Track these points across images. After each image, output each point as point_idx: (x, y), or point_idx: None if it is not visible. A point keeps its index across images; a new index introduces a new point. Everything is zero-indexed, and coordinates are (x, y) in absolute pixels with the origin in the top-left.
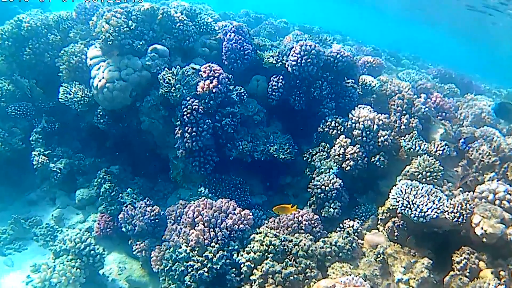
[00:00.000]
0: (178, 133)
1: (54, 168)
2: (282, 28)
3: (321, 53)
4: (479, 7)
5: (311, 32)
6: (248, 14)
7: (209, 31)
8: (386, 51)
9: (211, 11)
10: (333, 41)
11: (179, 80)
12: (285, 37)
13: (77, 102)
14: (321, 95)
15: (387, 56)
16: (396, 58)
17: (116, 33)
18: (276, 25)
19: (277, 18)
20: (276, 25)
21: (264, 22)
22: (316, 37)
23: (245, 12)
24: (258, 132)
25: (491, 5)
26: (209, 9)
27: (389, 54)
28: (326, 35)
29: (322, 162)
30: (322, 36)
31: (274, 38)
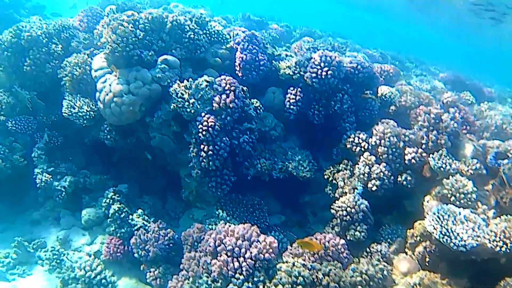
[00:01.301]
0: (193, 152)
1: (58, 186)
2: (286, 32)
3: (342, 64)
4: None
5: (313, 36)
6: (249, 18)
7: (220, 40)
8: (389, 54)
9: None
10: (346, 49)
11: (193, 94)
12: (294, 44)
13: (82, 117)
14: (342, 109)
15: (392, 60)
16: (400, 61)
17: (124, 44)
18: (279, 29)
19: (277, 21)
20: (279, 29)
21: (268, 27)
22: (328, 44)
23: (246, 15)
24: (275, 148)
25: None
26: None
27: (392, 58)
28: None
29: (345, 181)
30: (334, 42)
31: (280, 43)
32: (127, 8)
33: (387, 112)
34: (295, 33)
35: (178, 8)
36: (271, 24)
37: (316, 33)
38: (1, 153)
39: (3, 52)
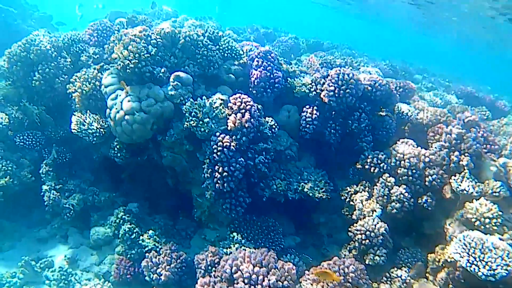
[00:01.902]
0: (207, 173)
1: (67, 204)
2: (295, 44)
3: (359, 82)
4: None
5: (322, 48)
6: (257, 30)
7: (233, 56)
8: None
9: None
10: (360, 64)
11: (207, 113)
12: (307, 59)
13: (92, 134)
14: (359, 128)
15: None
16: (409, 73)
17: (136, 60)
18: (287, 41)
19: (283, 32)
20: (287, 41)
21: (277, 39)
22: (342, 59)
23: (254, 27)
24: (290, 167)
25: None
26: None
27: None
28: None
29: (364, 203)
30: (347, 58)
31: (289, 56)
32: (137, 22)
33: (403, 129)
34: (302, 44)
35: (188, 21)
36: (280, 37)
37: (324, 44)
38: (9, 169)
39: (12, 65)
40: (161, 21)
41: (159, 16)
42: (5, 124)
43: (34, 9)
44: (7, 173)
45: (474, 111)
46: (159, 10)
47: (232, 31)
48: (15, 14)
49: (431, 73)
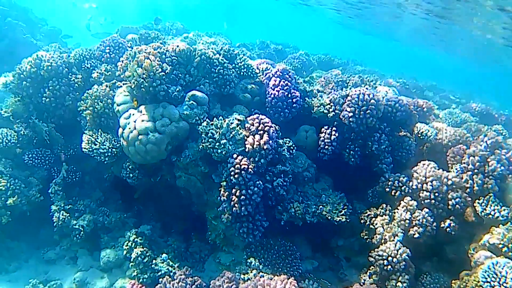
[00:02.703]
0: (223, 196)
1: (76, 225)
2: (306, 60)
3: (380, 102)
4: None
5: (332, 65)
6: (268, 46)
7: (249, 75)
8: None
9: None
10: (376, 82)
11: (224, 134)
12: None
13: (104, 154)
14: (379, 149)
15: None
16: (420, 90)
17: (151, 79)
18: (299, 58)
19: (293, 48)
20: (299, 58)
21: (289, 56)
22: (358, 78)
23: (265, 43)
24: (307, 189)
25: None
26: (220, 43)
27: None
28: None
29: (385, 227)
30: (363, 76)
31: (300, 73)
32: (150, 38)
33: (421, 150)
34: (313, 61)
35: (202, 38)
36: (292, 54)
37: (334, 61)
38: (17, 188)
39: (21, 82)
40: (172, 37)
41: (169, 31)
42: (13, 141)
43: (42, 23)
44: (15, 192)
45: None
46: (170, 25)
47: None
48: (24, 28)
49: (440, 89)
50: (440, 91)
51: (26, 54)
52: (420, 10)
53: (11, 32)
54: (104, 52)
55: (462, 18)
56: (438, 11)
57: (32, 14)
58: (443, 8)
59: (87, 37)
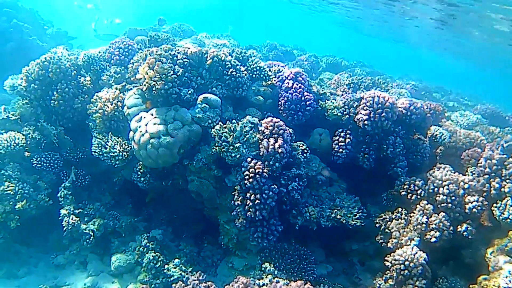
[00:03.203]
0: (237, 200)
1: (86, 230)
2: (315, 62)
3: (395, 105)
4: None
5: (340, 67)
6: (276, 48)
7: (262, 77)
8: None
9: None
10: (388, 85)
11: (238, 137)
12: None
13: (114, 158)
14: (394, 153)
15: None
16: (428, 92)
17: (163, 81)
18: (308, 60)
19: (301, 50)
20: (308, 60)
21: (298, 58)
22: (369, 80)
23: (273, 45)
24: (321, 193)
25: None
26: (230, 45)
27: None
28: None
29: (401, 231)
30: (374, 78)
31: (310, 75)
32: (160, 40)
33: (435, 152)
34: (321, 63)
35: (211, 40)
36: (301, 55)
37: (342, 63)
38: (26, 193)
39: (29, 84)
40: (180, 38)
41: (177, 33)
42: (21, 144)
43: (48, 25)
44: (23, 196)
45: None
46: (178, 27)
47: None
48: (30, 30)
49: (447, 90)
50: (447, 92)
51: (33, 56)
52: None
53: (17, 34)
54: (113, 54)
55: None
56: (446, 19)
57: (38, 16)
58: (450, 15)
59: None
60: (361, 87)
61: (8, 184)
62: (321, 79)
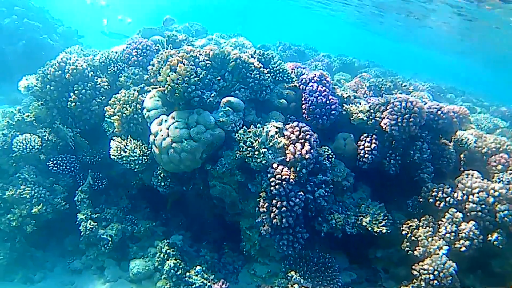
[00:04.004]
0: (262, 207)
1: (104, 235)
2: (330, 63)
3: (422, 110)
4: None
5: (353, 67)
6: (289, 48)
7: (284, 79)
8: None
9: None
10: (409, 87)
11: (263, 142)
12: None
13: (134, 162)
14: (421, 159)
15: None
16: (441, 92)
17: (186, 84)
18: (323, 61)
19: (313, 50)
20: (323, 61)
21: (313, 58)
22: (390, 82)
23: (286, 45)
24: (346, 199)
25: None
26: (247, 44)
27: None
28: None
29: (429, 239)
30: (395, 79)
31: None
32: (178, 40)
33: (459, 158)
34: (335, 63)
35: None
36: (313, 56)
37: (355, 63)
38: (42, 196)
39: (45, 85)
40: (195, 39)
41: (189, 32)
42: (37, 147)
43: (59, 23)
44: (39, 200)
45: None
46: (189, 26)
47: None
48: (41, 29)
49: (460, 91)
50: (460, 93)
51: (44, 55)
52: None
53: (28, 33)
54: (131, 55)
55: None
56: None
57: (48, 14)
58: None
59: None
60: (382, 89)
61: (24, 188)
62: (337, 80)
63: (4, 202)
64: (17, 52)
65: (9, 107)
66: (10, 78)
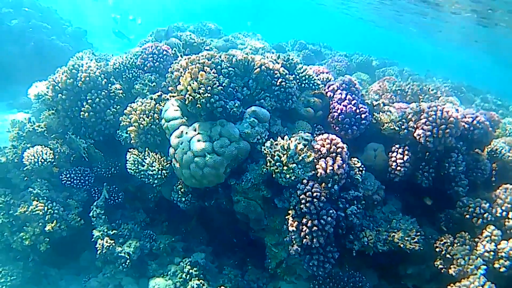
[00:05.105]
0: (292, 226)
1: (122, 253)
2: (349, 63)
3: (458, 120)
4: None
5: (371, 66)
6: (306, 47)
7: (310, 86)
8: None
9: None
10: (437, 92)
11: (291, 156)
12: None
13: (153, 176)
14: (456, 171)
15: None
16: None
17: (208, 94)
18: (342, 61)
19: (329, 48)
20: (342, 61)
21: (331, 58)
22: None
23: (302, 44)
24: (376, 213)
25: None
26: (267, 47)
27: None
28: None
29: (466, 258)
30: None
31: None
32: (195, 44)
33: (492, 168)
34: (352, 62)
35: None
36: (330, 56)
37: (373, 62)
38: (55, 212)
39: (56, 94)
40: (210, 40)
41: (202, 32)
42: (49, 160)
43: (67, 23)
44: (53, 216)
45: None
46: (202, 25)
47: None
48: (49, 30)
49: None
50: (478, 92)
51: (53, 57)
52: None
53: (36, 34)
54: (146, 60)
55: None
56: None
57: (56, 14)
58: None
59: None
60: (408, 94)
61: (37, 204)
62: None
63: (16, 220)
64: (25, 54)
65: (18, 111)
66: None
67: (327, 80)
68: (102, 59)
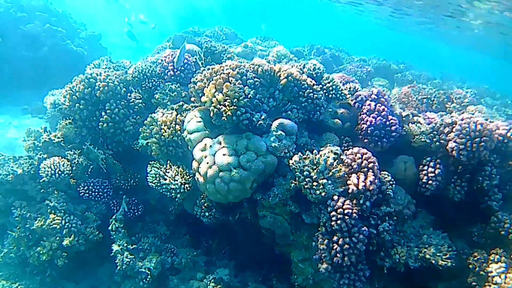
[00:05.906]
0: (322, 243)
1: (143, 268)
2: (372, 69)
3: (493, 133)
4: None
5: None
6: (323, 52)
7: (338, 97)
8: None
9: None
10: (464, 100)
11: (322, 171)
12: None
13: (175, 190)
14: (490, 185)
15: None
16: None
17: (234, 106)
18: (363, 67)
19: (346, 53)
20: (363, 67)
21: (350, 65)
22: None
23: (320, 49)
24: (406, 228)
25: None
26: (289, 55)
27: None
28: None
29: (502, 277)
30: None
31: (365, 84)
32: (217, 52)
33: None
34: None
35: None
36: (352, 61)
37: (391, 66)
38: (73, 226)
39: (73, 104)
40: (229, 46)
41: (219, 37)
42: (67, 172)
43: (82, 28)
44: (71, 230)
45: None
46: (220, 30)
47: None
48: (64, 34)
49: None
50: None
51: (68, 62)
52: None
53: (50, 39)
54: (166, 69)
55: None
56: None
57: (71, 19)
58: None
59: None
60: (434, 103)
61: (54, 217)
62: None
63: (32, 233)
64: (40, 59)
65: (32, 117)
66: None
67: (354, 89)
68: (120, 66)
